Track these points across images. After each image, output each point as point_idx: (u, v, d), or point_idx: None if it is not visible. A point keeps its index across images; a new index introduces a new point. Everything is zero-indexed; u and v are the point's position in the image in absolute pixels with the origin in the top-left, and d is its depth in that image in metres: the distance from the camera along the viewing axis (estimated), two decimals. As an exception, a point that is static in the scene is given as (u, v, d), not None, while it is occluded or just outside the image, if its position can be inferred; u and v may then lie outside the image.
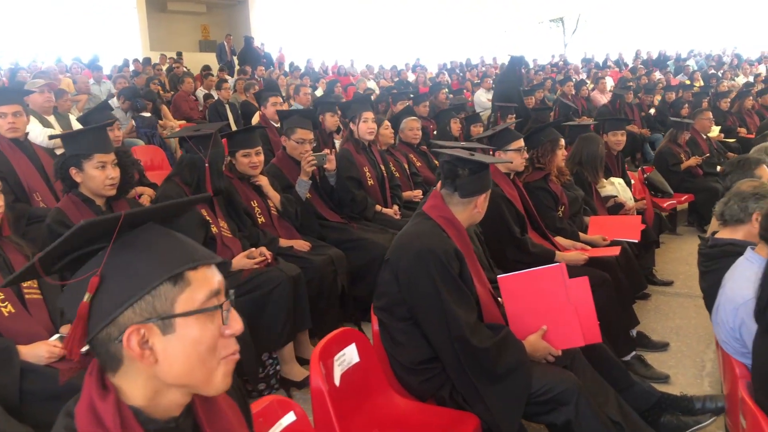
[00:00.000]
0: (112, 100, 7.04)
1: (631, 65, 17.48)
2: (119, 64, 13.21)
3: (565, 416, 2.07)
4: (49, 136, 4.25)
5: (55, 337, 2.10)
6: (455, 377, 2.16)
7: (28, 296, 2.17)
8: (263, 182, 3.48)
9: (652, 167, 6.34)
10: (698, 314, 4.00)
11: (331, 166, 3.93)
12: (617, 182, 4.75)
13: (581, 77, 14.19)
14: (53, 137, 4.07)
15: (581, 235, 3.89)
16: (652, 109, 9.44)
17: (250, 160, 3.41)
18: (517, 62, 9.05)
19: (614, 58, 19.53)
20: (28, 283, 2.17)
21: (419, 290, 2.16)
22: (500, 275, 2.38)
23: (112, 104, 6.87)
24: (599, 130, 5.38)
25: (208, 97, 9.39)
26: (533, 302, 2.35)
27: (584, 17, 26.03)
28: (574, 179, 4.23)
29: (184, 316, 1.02)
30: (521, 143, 3.56)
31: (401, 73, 14.23)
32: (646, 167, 6.39)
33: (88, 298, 0.97)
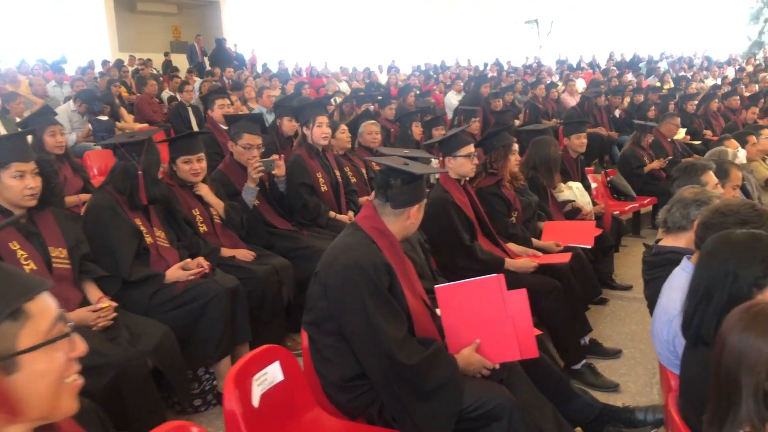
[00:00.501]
0: (68, 102, 6.87)
1: (604, 67, 17.58)
2: (85, 65, 12.94)
3: (497, 432, 2.00)
4: None
5: None
6: (383, 394, 2.08)
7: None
8: (203, 191, 3.37)
9: (615, 170, 6.34)
10: (653, 320, 3.97)
11: (280, 172, 3.83)
12: (575, 186, 4.71)
13: (554, 79, 14.23)
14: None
15: (534, 241, 3.84)
16: (617, 111, 9.44)
17: (191, 166, 3.30)
18: (481, 80, 9.05)
19: (588, 59, 19.67)
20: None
21: (346, 305, 2.07)
22: (437, 285, 2.31)
23: (69, 107, 6.72)
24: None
25: (172, 99, 9.22)
26: (470, 314, 2.27)
27: (559, 19, 26.17)
28: (528, 184, 4.18)
29: (30, 351, 0.97)
30: (471, 149, 3.50)
31: (372, 74, 14.12)
32: (609, 170, 6.39)
33: None
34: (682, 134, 8.16)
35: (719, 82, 13.91)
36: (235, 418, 1.77)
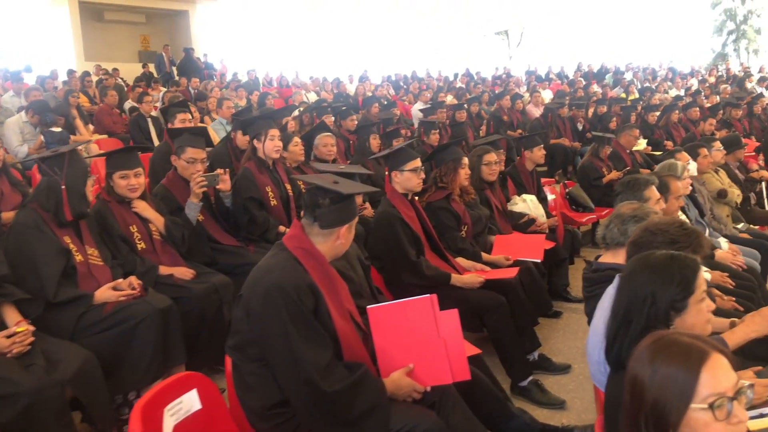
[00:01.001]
0: (21, 113, 6.68)
1: (571, 78, 17.78)
2: (46, 75, 12.67)
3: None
4: None
5: None
6: (306, 423, 2.01)
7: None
8: (140, 208, 3.26)
9: (574, 182, 6.37)
10: (604, 333, 3.95)
11: (224, 186, 3.75)
12: (529, 199, 4.70)
13: (522, 90, 14.33)
14: None
15: (484, 255, 3.80)
16: (580, 122, 9.52)
17: (128, 182, 3.20)
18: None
19: (557, 70, 19.88)
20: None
21: (268, 329, 2.00)
22: (369, 306, 2.24)
23: (21, 118, 6.54)
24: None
25: (134, 110, 9.05)
26: (402, 335, 2.22)
27: (529, 31, 26.52)
28: (480, 198, 4.15)
29: None
30: (418, 163, 3.45)
31: (341, 85, 14.07)
32: (568, 182, 6.41)
33: None
34: (643, 145, 8.24)
35: (682, 93, 14.15)
36: (140, 452, 1.68)
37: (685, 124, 9.65)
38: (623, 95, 13.96)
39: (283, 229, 4.07)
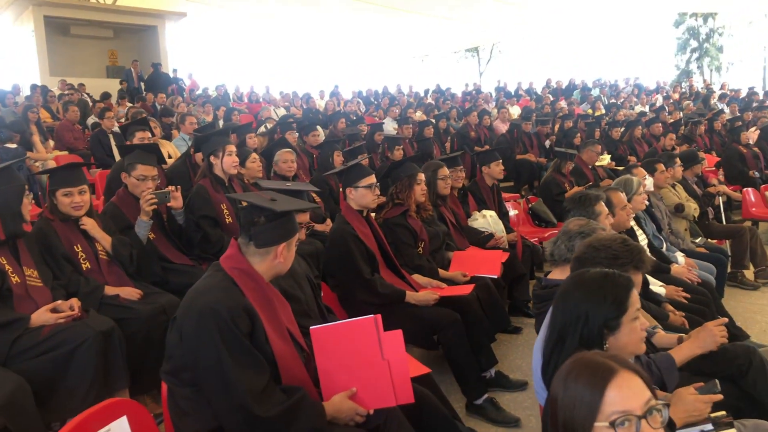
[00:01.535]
0: (-25, 130, 6.50)
1: (540, 94, 18.03)
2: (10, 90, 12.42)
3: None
4: None
5: None
6: (242, 450, 1.93)
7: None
8: (88, 225, 3.17)
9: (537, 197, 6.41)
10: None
11: (176, 203, 3.67)
12: (489, 215, 4.71)
13: (490, 106, 14.47)
14: None
15: (441, 271, 3.78)
16: (547, 138, 9.62)
17: (71, 200, 3.11)
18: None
19: (526, 87, 20.14)
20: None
21: (200, 353, 1.93)
22: (312, 327, 2.19)
23: (-25, 134, 6.36)
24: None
25: (96, 126, 8.89)
26: (345, 356, 2.17)
27: (499, 48, 26.89)
28: (437, 214, 4.13)
29: None
30: (372, 180, 3.43)
31: (311, 100, 14.06)
32: (531, 197, 6.44)
33: None
34: (607, 160, 8.36)
35: (647, 109, 14.42)
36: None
37: (648, 139, 9.83)
38: (590, 111, 14.19)
39: (238, 246, 4.00)
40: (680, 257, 4.49)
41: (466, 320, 3.30)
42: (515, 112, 13.29)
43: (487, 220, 4.66)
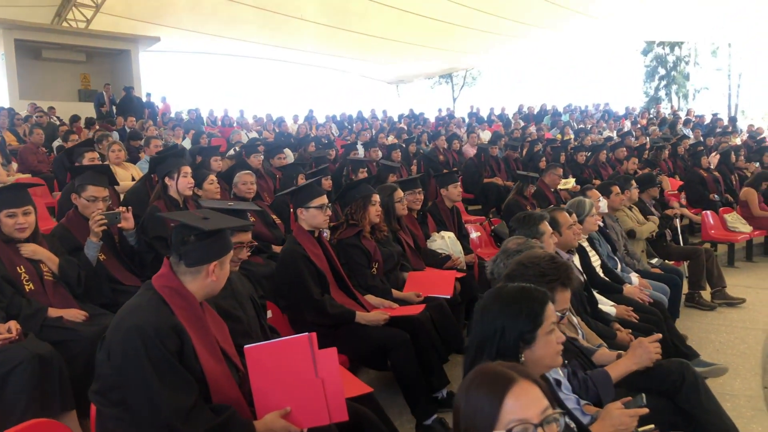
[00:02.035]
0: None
1: (511, 119, 18.33)
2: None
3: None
4: None
5: None
6: (168, 471, 1.91)
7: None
8: (27, 252, 3.12)
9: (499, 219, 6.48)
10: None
11: (127, 224, 3.64)
12: (447, 236, 4.74)
13: (461, 131, 14.67)
14: None
15: (395, 292, 3.79)
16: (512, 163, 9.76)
17: (15, 221, 3.08)
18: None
19: (499, 112, 20.46)
20: None
21: (126, 372, 1.91)
22: (247, 345, 2.18)
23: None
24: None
25: (61, 149, 8.82)
26: (279, 375, 2.15)
27: (472, 74, 27.34)
28: (392, 235, 4.16)
29: None
30: (324, 200, 3.45)
31: (283, 124, 14.12)
32: (494, 219, 6.51)
33: None
34: (572, 183, 8.49)
35: (614, 134, 14.73)
36: None
37: (613, 163, 10.04)
38: (558, 136, 14.45)
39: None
40: (634, 278, 4.56)
41: (417, 340, 3.31)
42: (486, 137, 13.49)
43: (445, 241, 4.70)
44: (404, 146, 10.06)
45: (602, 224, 4.90)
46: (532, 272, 2.08)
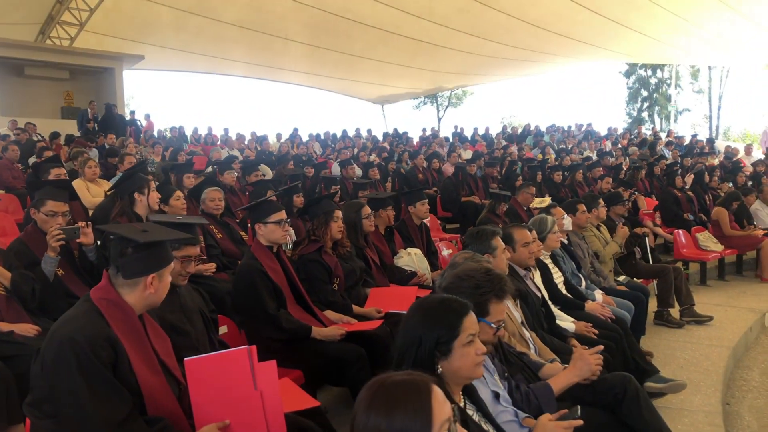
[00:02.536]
0: None
1: (494, 139, 18.50)
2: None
3: None
4: None
5: None
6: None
7: None
8: None
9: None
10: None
11: (87, 240, 3.63)
12: (414, 253, 4.77)
13: (444, 150, 14.78)
14: None
15: (356, 308, 3.80)
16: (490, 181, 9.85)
17: (-32, 235, 3.07)
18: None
19: (483, 132, 20.65)
20: None
21: (58, 384, 1.90)
22: (186, 358, 2.18)
23: None
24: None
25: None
26: (219, 388, 2.15)
27: (457, 94, 27.64)
28: (356, 251, 4.18)
29: None
30: (282, 216, 3.47)
31: (264, 142, 14.17)
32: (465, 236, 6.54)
33: None
34: (548, 202, 8.55)
35: (594, 154, 14.90)
36: None
37: (590, 182, 10.15)
38: (539, 156, 14.59)
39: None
40: (598, 295, 4.60)
41: (374, 356, 3.31)
42: (468, 156, 13.60)
43: (411, 257, 4.72)
44: (384, 164, 10.13)
45: (567, 242, 4.96)
46: (467, 284, 2.11)
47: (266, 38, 17.94)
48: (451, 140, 18.07)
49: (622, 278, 5.49)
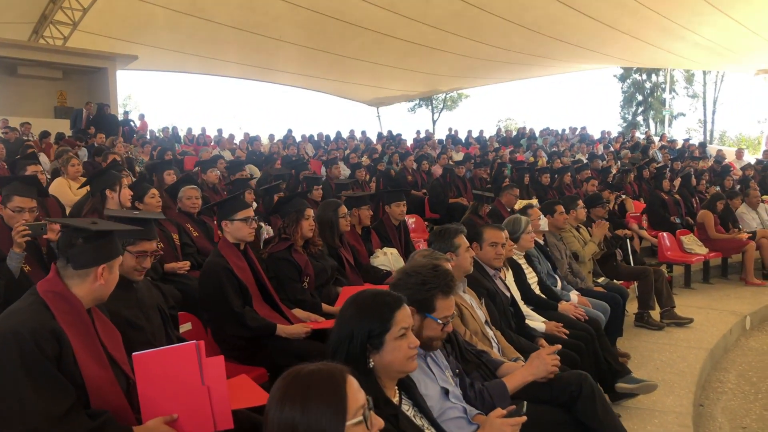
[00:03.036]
0: None
1: (488, 142, 18.51)
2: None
3: None
4: None
5: None
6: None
7: None
8: None
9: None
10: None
11: (54, 236, 3.61)
12: (390, 252, 4.76)
13: (436, 152, 14.78)
14: None
15: (325, 306, 3.79)
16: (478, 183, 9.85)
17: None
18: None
19: (478, 134, 20.66)
20: None
21: (0, 377, 1.89)
22: (135, 353, 2.17)
23: None
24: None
25: (24, 164, 8.77)
26: (166, 382, 2.14)
27: (452, 97, 27.66)
28: (328, 250, 4.17)
29: None
30: (249, 213, 3.46)
31: (255, 143, 14.16)
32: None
33: None
34: (534, 204, 8.58)
35: (586, 158, 14.91)
36: None
37: (578, 185, 10.15)
38: (531, 159, 14.60)
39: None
40: (573, 295, 4.59)
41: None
42: (459, 158, 13.59)
43: (388, 257, 4.71)
44: (373, 165, 10.13)
45: (543, 242, 4.95)
46: (413, 280, 2.10)
47: (260, 39, 17.93)
48: (444, 143, 18.09)
49: (601, 280, 5.48)
